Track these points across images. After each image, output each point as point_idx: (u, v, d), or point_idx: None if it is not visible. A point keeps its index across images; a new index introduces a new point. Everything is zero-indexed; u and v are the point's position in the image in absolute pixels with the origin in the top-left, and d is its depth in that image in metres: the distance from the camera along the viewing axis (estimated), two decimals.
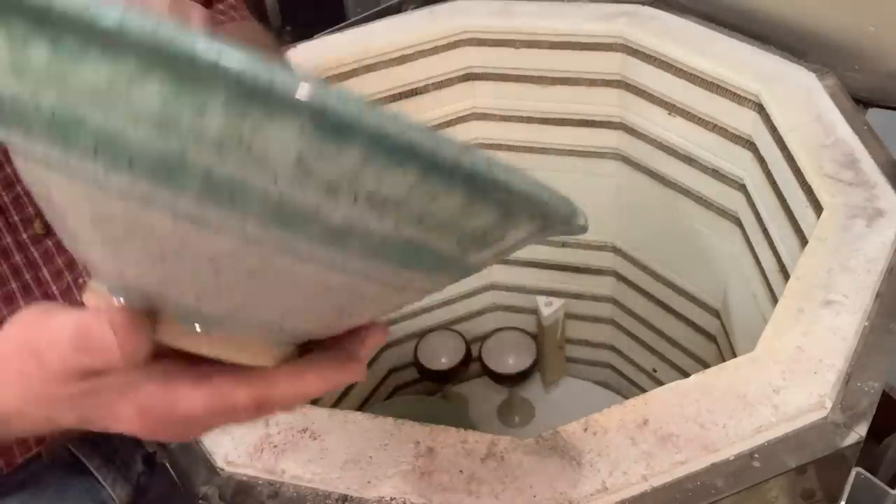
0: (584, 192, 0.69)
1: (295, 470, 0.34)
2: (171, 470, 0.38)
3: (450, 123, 0.67)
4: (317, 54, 0.61)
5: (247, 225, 0.17)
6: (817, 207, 0.42)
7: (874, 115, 0.54)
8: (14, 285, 0.44)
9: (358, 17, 0.68)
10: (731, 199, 0.57)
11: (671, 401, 0.33)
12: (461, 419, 0.73)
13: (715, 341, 0.65)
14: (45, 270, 0.45)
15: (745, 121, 0.52)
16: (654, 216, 0.65)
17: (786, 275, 0.48)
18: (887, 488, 0.32)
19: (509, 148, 0.69)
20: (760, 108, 0.50)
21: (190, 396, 0.21)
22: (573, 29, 0.60)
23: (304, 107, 0.16)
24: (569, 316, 0.77)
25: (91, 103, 0.16)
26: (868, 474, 0.32)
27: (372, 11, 0.69)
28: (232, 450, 0.35)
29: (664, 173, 0.62)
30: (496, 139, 0.69)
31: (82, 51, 0.16)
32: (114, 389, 0.21)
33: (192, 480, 0.35)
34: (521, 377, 0.74)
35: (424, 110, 0.65)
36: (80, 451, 0.50)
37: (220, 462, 0.35)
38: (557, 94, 0.64)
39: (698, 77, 0.54)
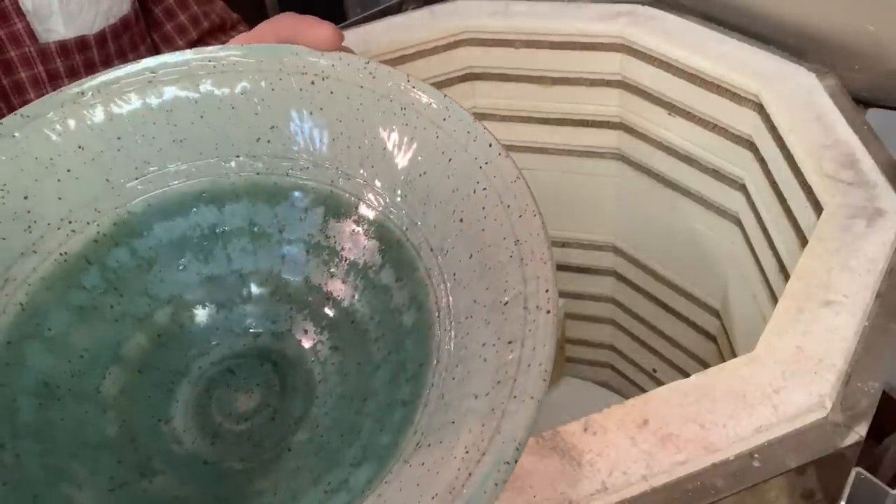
0: (584, 192, 0.69)
1: None
2: None
3: None
4: None
5: None
6: (817, 207, 0.42)
7: (874, 115, 0.54)
8: None
9: (358, 17, 0.68)
10: (731, 199, 0.57)
11: (671, 401, 0.33)
12: None
13: (715, 341, 0.65)
14: None
15: (745, 121, 0.52)
16: (654, 216, 0.65)
17: (786, 275, 0.48)
18: (887, 488, 0.32)
19: (509, 148, 0.68)
20: (760, 108, 0.50)
21: None
22: (573, 29, 0.60)
23: None
24: (569, 316, 0.77)
25: None
26: (868, 474, 0.32)
27: (372, 11, 0.69)
28: None
29: (664, 173, 0.62)
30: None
31: None
32: None
33: None
34: None
35: None
36: None
37: None
38: (557, 94, 0.64)
39: (698, 77, 0.54)
